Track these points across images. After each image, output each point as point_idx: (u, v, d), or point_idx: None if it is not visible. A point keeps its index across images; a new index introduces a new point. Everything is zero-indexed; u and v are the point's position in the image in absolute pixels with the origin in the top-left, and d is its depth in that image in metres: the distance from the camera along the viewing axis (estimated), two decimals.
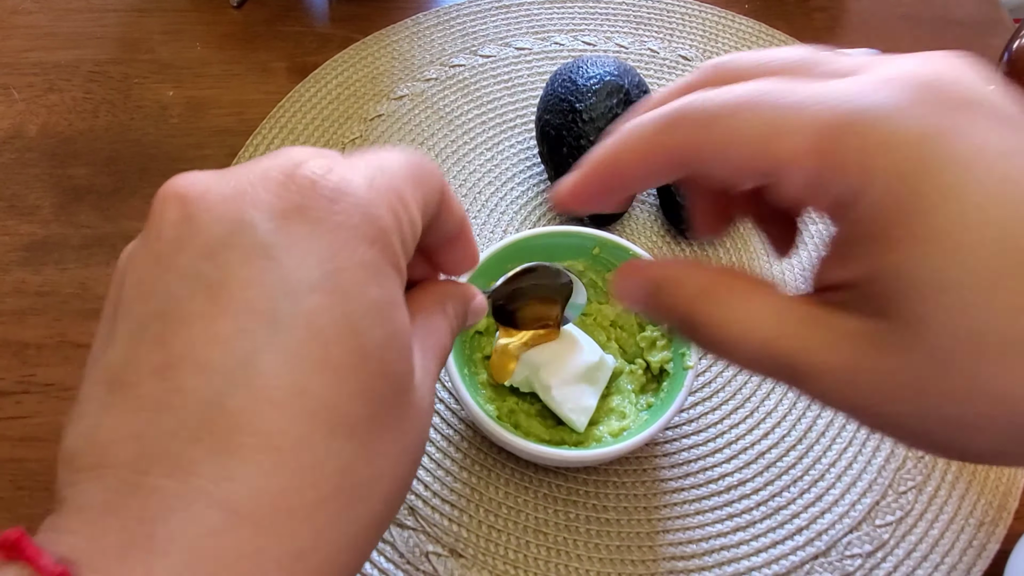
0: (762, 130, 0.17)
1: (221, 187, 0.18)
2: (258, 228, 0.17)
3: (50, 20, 0.58)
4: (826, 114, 0.16)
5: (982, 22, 0.61)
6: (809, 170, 0.17)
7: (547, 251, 0.42)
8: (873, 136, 0.16)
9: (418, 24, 0.58)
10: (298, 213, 0.17)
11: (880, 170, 0.16)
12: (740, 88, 0.18)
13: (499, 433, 0.35)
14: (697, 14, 0.60)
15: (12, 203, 0.49)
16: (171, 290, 0.17)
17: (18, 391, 0.42)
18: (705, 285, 0.19)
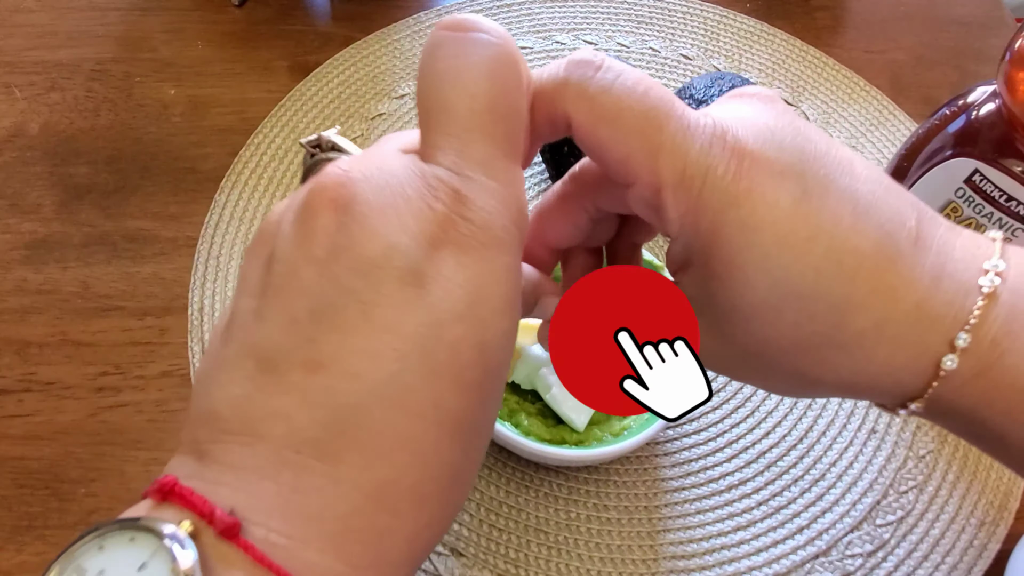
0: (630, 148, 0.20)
1: (370, 197, 0.19)
2: (409, 256, 0.18)
3: (51, 19, 0.58)
4: (667, 159, 0.20)
5: (984, 21, 0.61)
6: (649, 202, 0.20)
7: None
8: (686, 195, 0.20)
9: (419, 23, 0.58)
10: (445, 243, 0.18)
11: (689, 225, 0.20)
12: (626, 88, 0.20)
13: (500, 432, 0.35)
14: (699, 13, 0.60)
15: (14, 201, 0.49)
16: (326, 295, 0.18)
17: (19, 389, 0.42)
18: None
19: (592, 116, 0.20)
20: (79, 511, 0.39)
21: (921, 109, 0.55)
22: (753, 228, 0.19)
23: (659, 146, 0.20)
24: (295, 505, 0.17)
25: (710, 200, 0.19)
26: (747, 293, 0.20)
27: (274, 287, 0.19)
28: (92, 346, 0.44)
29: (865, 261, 0.19)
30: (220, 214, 0.48)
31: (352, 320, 0.18)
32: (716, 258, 0.20)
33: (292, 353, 0.18)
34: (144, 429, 0.41)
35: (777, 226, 0.19)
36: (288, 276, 0.19)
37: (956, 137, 0.39)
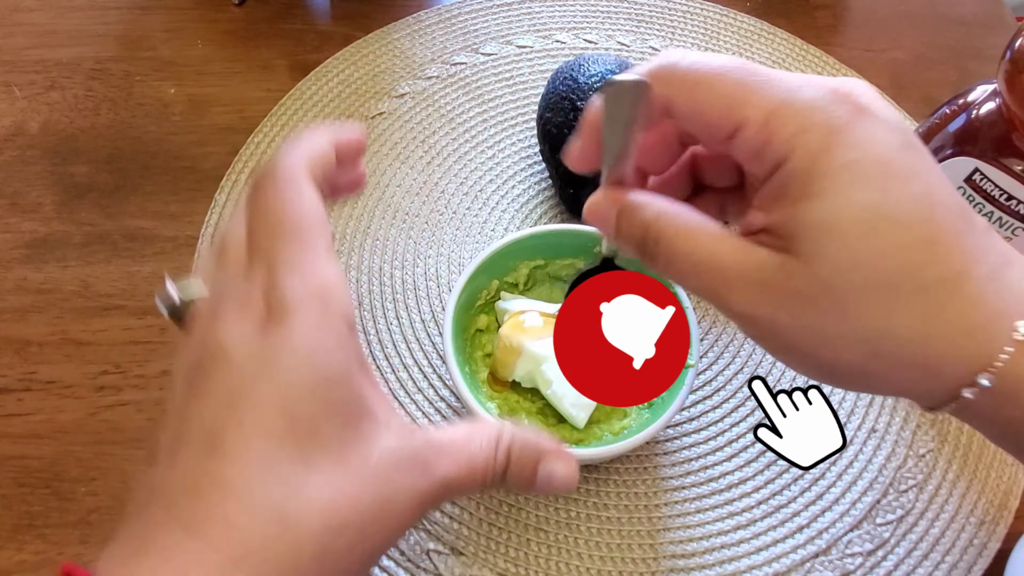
0: (730, 100, 0.23)
1: (201, 319, 0.26)
2: (226, 345, 0.24)
3: (51, 18, 0.58)
4: (773, 97, 0.22)
5: (984, 20, 0.61)
6: (756, 136, 0.22)
7: (550, 249, 0.42)
8: (800, 120, 0.22)
9: (419, 22, 0.58)
10: (253, 332, 0.24)
11: (799, 146, 0.22)
12: (716, 60, 0.24)
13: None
14: (699, 12, 0.60)
15: (14, 200, 0.49)
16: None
17: (20, 388, 0.42)
18: (663, 208, 0.25)
19: (687, 83, 0.24)
20: (79, 510, 0.39)
21: (921, 108, 0.55)
22: (862, 151, 0.21)
23: (763, 82, 0.23)
24: (140, 548, 0.22)
25: (821, 121, 0.22)
26: (845, 208, 0.21)
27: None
28: (92, 345, 0.44)
29: (952, 216, 0.21)
30: (220, 213, 0.48)
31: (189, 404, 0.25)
32: (819, 175, 0.21)
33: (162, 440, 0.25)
34: (144, 428, 0.41)
35: (882, 157, 0.21)
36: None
37: (956, 136, 0.39)
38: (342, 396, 0.24)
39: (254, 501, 0.22)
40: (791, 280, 0.22)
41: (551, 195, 0.50)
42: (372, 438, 0.24)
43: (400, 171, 0.51)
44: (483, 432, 0.27)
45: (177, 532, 0.21)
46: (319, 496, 0.23)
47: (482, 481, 0.27)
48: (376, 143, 0.52)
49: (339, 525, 0.23)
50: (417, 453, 0.25)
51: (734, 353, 0.44)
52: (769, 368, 0.44)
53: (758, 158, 0.23)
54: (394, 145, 0.52)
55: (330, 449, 0.24)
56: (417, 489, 0.25)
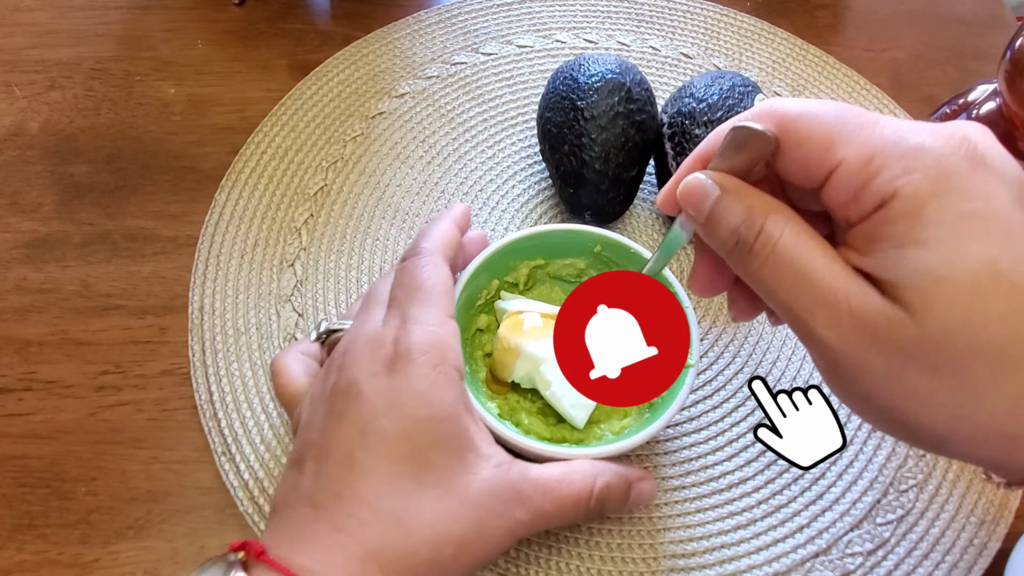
0: (829, 135, 0.22)
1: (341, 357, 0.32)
2: (361, 384, 0.30)
3: (51, 17, 0.58)
4: (879, 137, 0.22)
5: (984, 20, 0.61)
6: (856, 176, 0.22)
7: (549, 249, 0.42)
8: (907, 161, 0.21)
9: (419, 22, 0.58)
10: (382, 375, 0.30)
11: (907, 187, 0.21)
12: (816, 101, 0.24)
13: (501, 431, 0.35)
14: (699, 12, 0.60)
15: (14, 200, 0.49)
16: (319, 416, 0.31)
17: (20, 388, 0.42)
18: (777, 204, 0.24)
19: (788, 117, 0.23)
20: (80, 510, 0.39)
21: (922, 108, 0.55)
22: (980, 201, 0.20)
23: (867, 123, 0.22)
24: (307, 540, 0.27)
25: (933, 165, 0.21)
26: (959, 262, 0.20)
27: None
28: (92, 345, 0.44)
29: None
30: (220, 213, 0.48)
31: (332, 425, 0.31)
32: (930, 221, 0.20)
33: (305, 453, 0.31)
34: (144, 428, 0.41)
35: (1000, 211, 0.20)
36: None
37: None
38: (451, 431, 0.29)
39: (380, 509, 0.27)
40: (894, 329, 0.21)
41: (551, 195, 0.50)
42: (474, 468, 0.29)
43: (400, 171, 0.51)
44: (578, 475, 0.32)
45: (326, 526, 0.27)
46: (429, 511, 0.28)
47: (573, 517, 0.32)
48: (376, 143, 0.52)
49: (444, 538, 0.28)
50: (512, 485, 0.30)
51: (734, 353, 0.44)
52: (769, 368, 0.44)
53: (855, 200, 0.22)
54: (394, 145, 0.52)
55: (439, 475, 0.29)
56: (512, 517, 0.30)
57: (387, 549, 0.27)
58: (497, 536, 0.29)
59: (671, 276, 0.39)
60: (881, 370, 0.21)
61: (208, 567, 0.26)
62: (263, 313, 0.45)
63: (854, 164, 0.22)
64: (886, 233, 0.21)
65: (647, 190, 0.50)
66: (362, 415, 0.29)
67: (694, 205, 0.26)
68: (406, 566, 0.27)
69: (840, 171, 0.22)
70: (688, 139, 0.44)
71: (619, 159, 0.44)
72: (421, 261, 0.34)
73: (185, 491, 0.40)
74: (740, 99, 0.45)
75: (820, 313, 0.22)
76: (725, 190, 0.25)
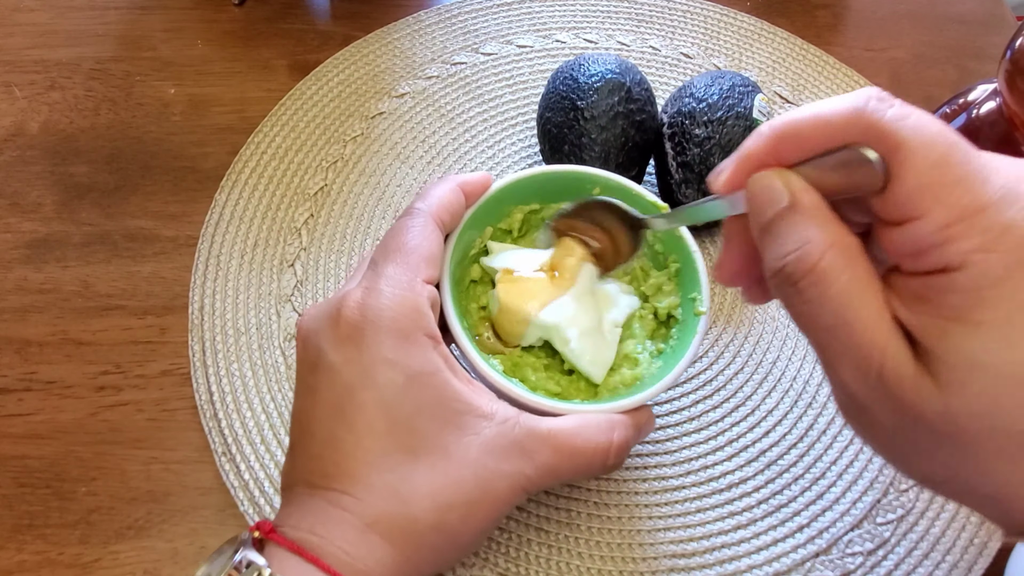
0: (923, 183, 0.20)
1: (305, 325, 0.31)
2: (328, 354, 0.29)
3: (51, 18, 0.58)
4: (968, 202, 0.20)
5: (985, 19, 0.61)
6: (932, 236, 0.20)
7: (545, 193, 0.39)
8: (988, 237, 0.19)
9: (419, 22, 0.58)
10: (348, 342, 0.29)
11: (978, 264, 0.19)
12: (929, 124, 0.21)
13: (510, 389, 0.32)
14: (699, 11, 0.60)
15: (14, 200, 0.49)
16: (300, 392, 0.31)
17: (20, 388, 0.42)
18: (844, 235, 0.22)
19: (890, 143, 0.21)
20: (80, 510, 0.39)
21: (922, 107, 0.54)
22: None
23: (962, 176, 0.20)
24: (313, 516, 0.28)
25: (1013, 247, 0.19)
26: (1006, 352, 0.19)
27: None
28: (92, 345, 0.44)
29: None
30: (220, 213, 0.48)
31: (306, 403, 0.30)
32: (990, 305, 0.19)
33: (296, 433, 0.31)
34: (144, 428, 0.41)
35: None
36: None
37: None
38: (434, 397, 0.29)
39: (372, 484, 0.27)
40: (920, 401, 0.20)
41: None
42: (472, 429, 0.29)
43: (400, 171, 0.51)
44: (593, 428, 0.31)
45: (321, 503, 0.27)
46: (426, 480, 0.28)
47: (588, 471, 0.31)
48: (376, 143, 0.52)
49: (447, 504, 0.27)
50: (517, 441, 0.29)
51: (734, 353, 0.44)
52: (769, 368, 0.44)
53: (917, 255, 0.21)
54: (394, 145, 0.52)
55: (430, 441, 0.28)
56: (520, 473, 0.29)
57: (386, 519, 0.27)
58: (505, 495, 0.29)
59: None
60: (895, 426, 0.21)
61: (226, 549, 0.27)
62: (263, 313, 0.45)
63: (934, 223, 0.20)
64: (940, 300, 0.20)
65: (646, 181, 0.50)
66: (335, 391, 0.28)
67: (758, 206, 0.24)
68: (408, 533, 0.27)
69: (917, 225, 0.20)
70: (688, 139, 0.44)
71: (619, 159, 0.44)
72: (408, 222, 0.32)
73: (185, 491, 0.40)
74: (740, 99, 0.45)
75: (850, 362, 0.21)
76: (795, 206, 0.23)
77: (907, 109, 0.21)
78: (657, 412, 0.42)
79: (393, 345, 0.29)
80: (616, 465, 0.31)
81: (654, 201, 0.38)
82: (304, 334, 0.31)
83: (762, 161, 0.24)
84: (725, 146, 0.43)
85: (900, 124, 0.21)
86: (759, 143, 0.24)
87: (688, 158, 0.44)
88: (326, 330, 0.29)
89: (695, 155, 0.44)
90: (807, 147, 0.23)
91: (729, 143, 0.43)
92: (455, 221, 0.35)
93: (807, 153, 0.23)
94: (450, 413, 0.29)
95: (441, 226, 0.33)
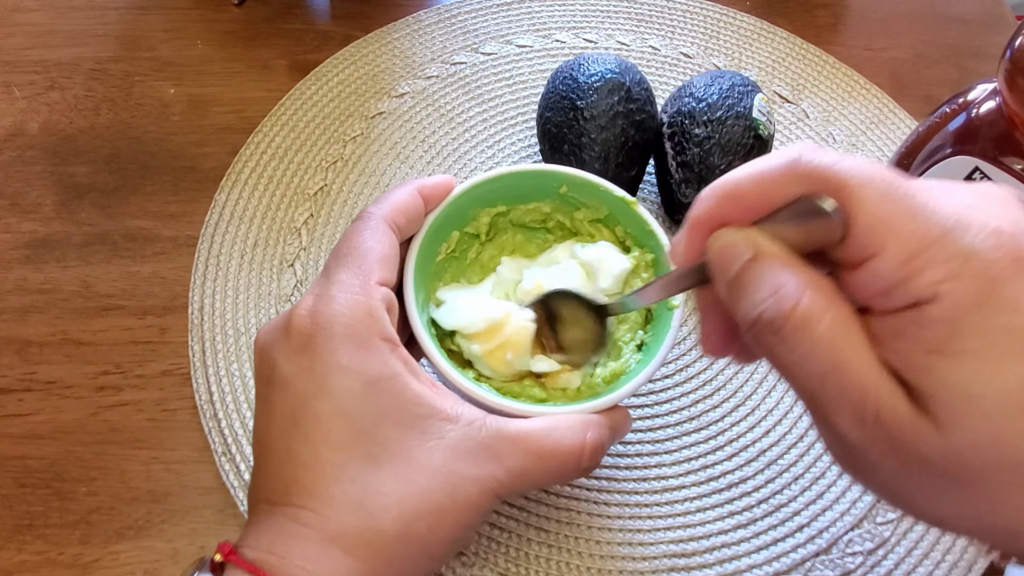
0: (872, 221, 0.20)
1: (260, 338, 0.30)
2: (280, 366, 0.28)
3: (51, 18, 0.58)
4: (924, 233, 0.20)
5: (984, 19, 0.61)
6: (893, 273, 0.20)
7: (511, 194, 0.39)
8: (952, 265, 0.19)
9: (419, 21, 0.58)
10: (301, 351, 0.28)
11: (949, 294, 0.19)
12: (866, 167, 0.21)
13: (479, 395, 0.32)
14: (699, 11, 0.60)
15: (14, 201, 0.49)
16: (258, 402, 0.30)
17: (20, 389, 0.42)
18: (816, 280, 0.21)
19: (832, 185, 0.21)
20: (80, 510, 0.39)
21: (921, 107, 0.55)
22: (1023, 319, 0.19)
23: (912, 209, 0.20)
24: (275, 534, 0.26)
25: (979, 272, 0.19)
26: (997, 379, 0.19)
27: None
28: (92, 345, 0.44)
29: None
30: (220, 213, 0.48)
31: (264, 420, 0.29)
32: (969, 334, 0.19)
33: (257, 450, 0.30)
34: (145, 428, 0.41)
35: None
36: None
37: (956, 135, 0.39)
38: (395, 403, 0.28)
39: (332, 496, 0.26)
40: (919, 442, 0.20)
41: None
42: (436, 433, 0.28)
43: (400, 171, 0.51)
44: (565, 429, 0.29)
45: (281, 519, 0.26)
46: (390, 489, 0.26)
47: (561, 475, 0.29)
48: (376, 143, 0.52)
49: (413, 512, 0.26)
50: (484, 444, 0.28)
51: None
52: (768, 368, 0.44)
53: (886, 294, 0.20)
54: (394, 145, 0.52)
55: (393, 448, 0.27)
56: (490, 477, 0.28)
57: (349, 532, 0.26)
58: (475, 500, 0.27)
59: (645, 212, 0.37)
60: (895, 470, 0.21)
61: (189, 571, 0.27)
62: (263, 313, 0.45)
63: (895, 258, 0.20)
64: (918, 335, 0.20)
65: (647, 189, 0.50)
66: (289, 403, 0.27)
67: (722, 263, 0.23)
68: (374, 546, 0.26)
69: (877, 263, 0.20)
70: (688, 138, 0.44)
71: (619, 159, 0.44)
72: (358, 225, 0.31)
73: (185, 491, 0.40)
74: (740, 98, 0.45)
75: (845, 408, 0.21)
76: (760, 255, 0.22)
77: (840, 155, 0.21)
78: (656, 412, 0.42)
79: (347, 351, 0.28)
80: (591, 467, 0.30)
81: (622, 196, 0.37)
82: (259, 347, 0.30)
83: (710, 226, 0.24)
84: (725, 146, 0.43)
85: (838, 167, 0.21)
86: (703, 207, 0.24)
87: (688, 158, 0.44)
88: (279, 341, 0.29)
89: (695, 155, 0.44)
90: (750, 205, 0.23)
91: (729, 143, 0.43)
92: (413, 225, 0.34)
93: (752, 212, 0.23)
94: (413, 418, 0.28)
95: (396, 229, 0.32)
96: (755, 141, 0.44)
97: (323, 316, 0.28)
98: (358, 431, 0.27)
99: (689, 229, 0.24)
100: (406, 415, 0.27)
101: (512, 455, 0.28)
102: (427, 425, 0.28)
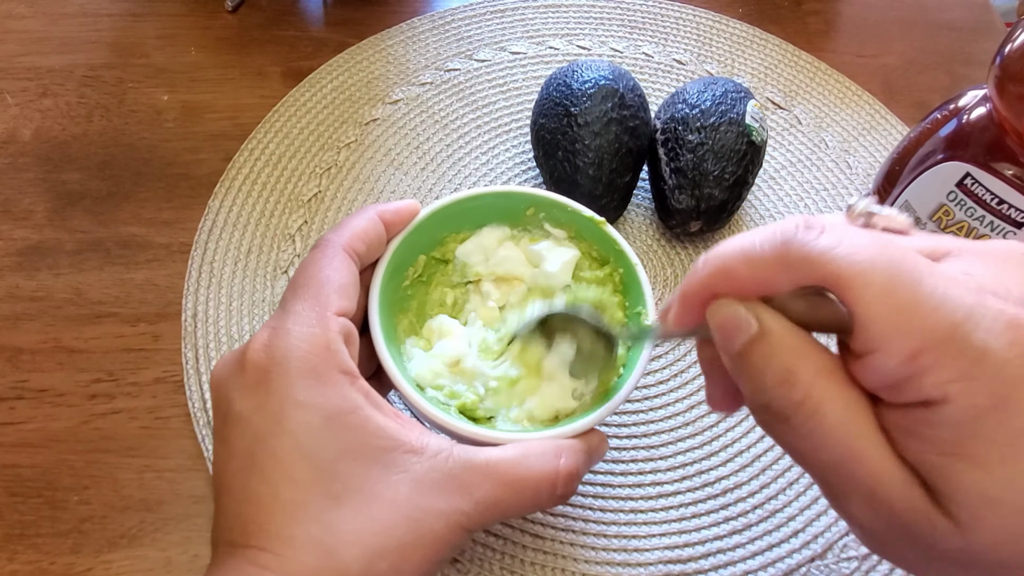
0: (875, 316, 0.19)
1: (215, 374, 0.29)
2: (236, 403, 0.27)
3: (43, 25, 0.58)
4: (932, 329, 0.18)
5: (974, 26, 0.62)
6: (898, 369, 0.19)
7: (478, 215, 0.38)
8: (963, 365, 0.18)
9: (413, 28, 0.58)
10: (257, 388, 0.27)
11: (962, 396, 0.18)
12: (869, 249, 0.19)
13: (447, 422, 0.31)
14: (691, 18, 0.60)
15: (6, 208, 0.49)
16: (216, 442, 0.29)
17: (11, 397, 0.42)
18: (828, 364, 0.21)
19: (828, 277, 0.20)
20: (72, 519, 0.39)
21: (913, 113, 0.55)
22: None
23: (918, 299, 0.19)
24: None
25: (992, 374, 0.18)
26: (1017, 481, 0.18)
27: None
28: (85, 353, 0.43)
29: None
30: (214, 220, 0.48)
31: (222, 459, 0.28)
32: (986, 439, 0.18)
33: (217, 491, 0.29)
34: (137, 436, 0.41)
35: None
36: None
37: (947, 141, 0.40)
38: (355, 438, 0.27)
39: (293, 536, 0.25)
40: (938, 539, 0.19)
41: None
42: (401, 467, 0.27)
43: (394, 177, 0.51)
44: (537, 456, 0.28)
45: (240, 562, 0.25)
46: (352, 528, 0.25)
47: (534, 504, 0.28)
48: (370, 149, 0.52)
49: (378, 551, 0.25)
50: (451, 475, 0.27)
51: None
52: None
53: (893, 388, 0.20)
54: (388, 151, 0.52)
55: (355, 484, 0.26)
56: (457, 511, 0.26)
57: (310, 573, 0.25)
58: (442, 535, 0.26)
59: (614, 232, 0.37)
60: (917, 557, 0.21)
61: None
62: (257, 320, 0.45)
63: (899, 355, 0.19)
64: (931, 435, 0.19)
65: (641, 196, 0.50)
66: (247, 441, 0.27)
67: (725, 336, 0.22)
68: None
69: (879, 358, 0.19)
70: (681, 144, 0.44)
71: (613, 165, 0.44)
72: (315, 254, 0.30)
73: (178, 499, 0.39)
74: (733, 105, 0.45)
75: (861, 498, 0.20)
76: (766, 334, 0.21)
77: (836, 235, 0.20)
78: (651, 418, 0.42)
79: (304, 386, 0.27)
80: (567, 494, 0.29)
81: (591, 216, 0.37)
82: (214, 383, 0.29)
83: (704, 297, 0.23)
84: (718, 152, 0.44)
85: (832, 254, 0.20)
86: (695, 280, 0.23)
87: (681, 164, 0.44)
88: (234, 377, 0.28)
89: (688, 161, 0.44)
90: (743, 286, 0.22)
91: (722, 148, 0.44)
92: (373, 251, 0.33)
93: (747, 292, 0.22)
94: (375, 451, 0.27)
95: (355, 256, 0.31)
96: (748, 147, 0.44)
97: (279, 350, 0.27)
98: (318, 468, 0.26)
99: (681, 300, 0.24)
100: (368, 449, 0.26)
101: (481, 485, 0.27)
102: (391, 458, 0.27)
